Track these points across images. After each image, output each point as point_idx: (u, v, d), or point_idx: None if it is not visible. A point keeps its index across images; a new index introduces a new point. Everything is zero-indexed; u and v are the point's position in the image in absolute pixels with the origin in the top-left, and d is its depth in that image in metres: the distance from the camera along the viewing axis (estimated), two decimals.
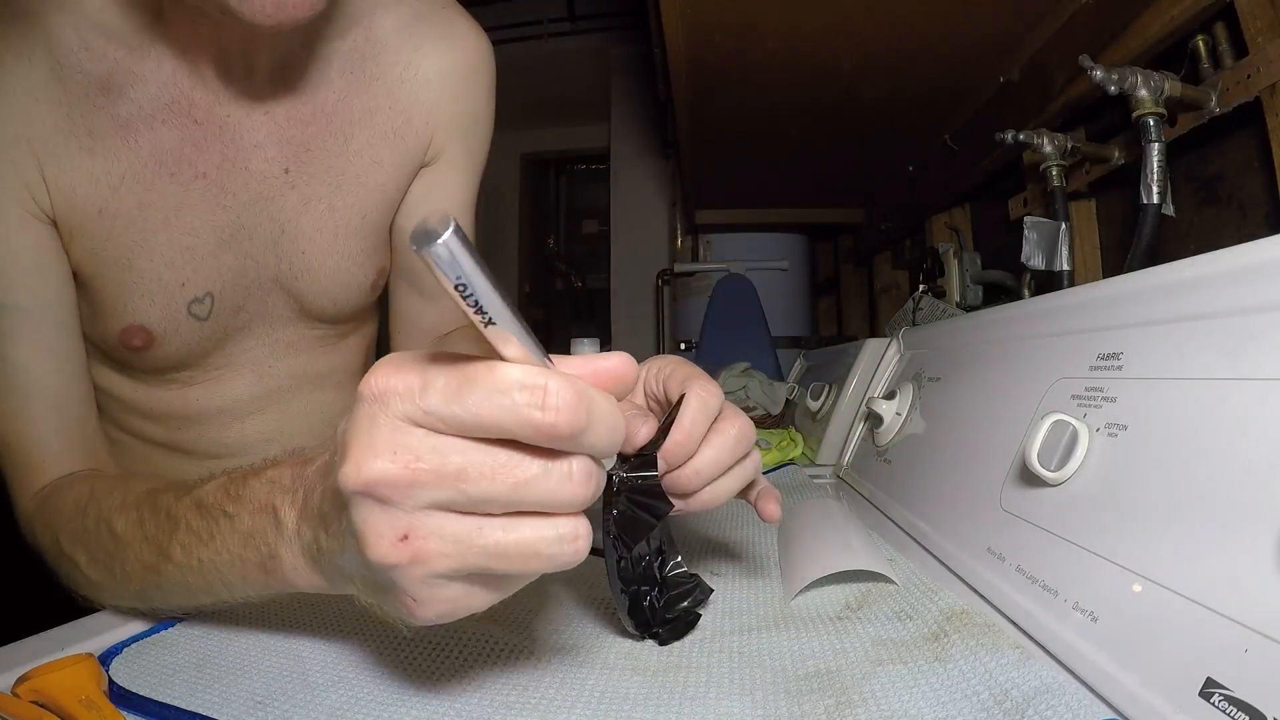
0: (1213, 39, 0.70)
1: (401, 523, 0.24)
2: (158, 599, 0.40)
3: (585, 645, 0.37)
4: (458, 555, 0.24)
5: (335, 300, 0.64)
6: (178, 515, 0.36)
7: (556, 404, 0.23)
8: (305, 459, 0.31)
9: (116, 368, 0.61)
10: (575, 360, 0.26)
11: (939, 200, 1.38)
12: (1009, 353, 0.51)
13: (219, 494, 0.34)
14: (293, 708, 0.32)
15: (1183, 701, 0.25)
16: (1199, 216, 0.77)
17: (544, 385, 0.23)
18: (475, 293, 0.21)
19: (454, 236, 0.19)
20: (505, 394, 0.23)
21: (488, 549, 0.24)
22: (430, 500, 0.24)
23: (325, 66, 0.58)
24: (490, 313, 0.22)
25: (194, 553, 0.35)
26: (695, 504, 0.36)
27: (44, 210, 0.51)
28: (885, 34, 0.88)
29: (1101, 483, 0.34)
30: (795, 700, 0.31)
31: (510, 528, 0.24)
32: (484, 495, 0.24)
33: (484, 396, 0.23)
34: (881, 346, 0.86)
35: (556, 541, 0.25)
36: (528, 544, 0.24)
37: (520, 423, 0.23)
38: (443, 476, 0.23)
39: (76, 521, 0.44)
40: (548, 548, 0.25)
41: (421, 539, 0.24)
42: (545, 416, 0.23)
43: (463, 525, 0.24)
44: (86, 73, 0.49)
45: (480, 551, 0.24)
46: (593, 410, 0.24)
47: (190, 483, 0.38)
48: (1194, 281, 0.34)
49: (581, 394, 0.23)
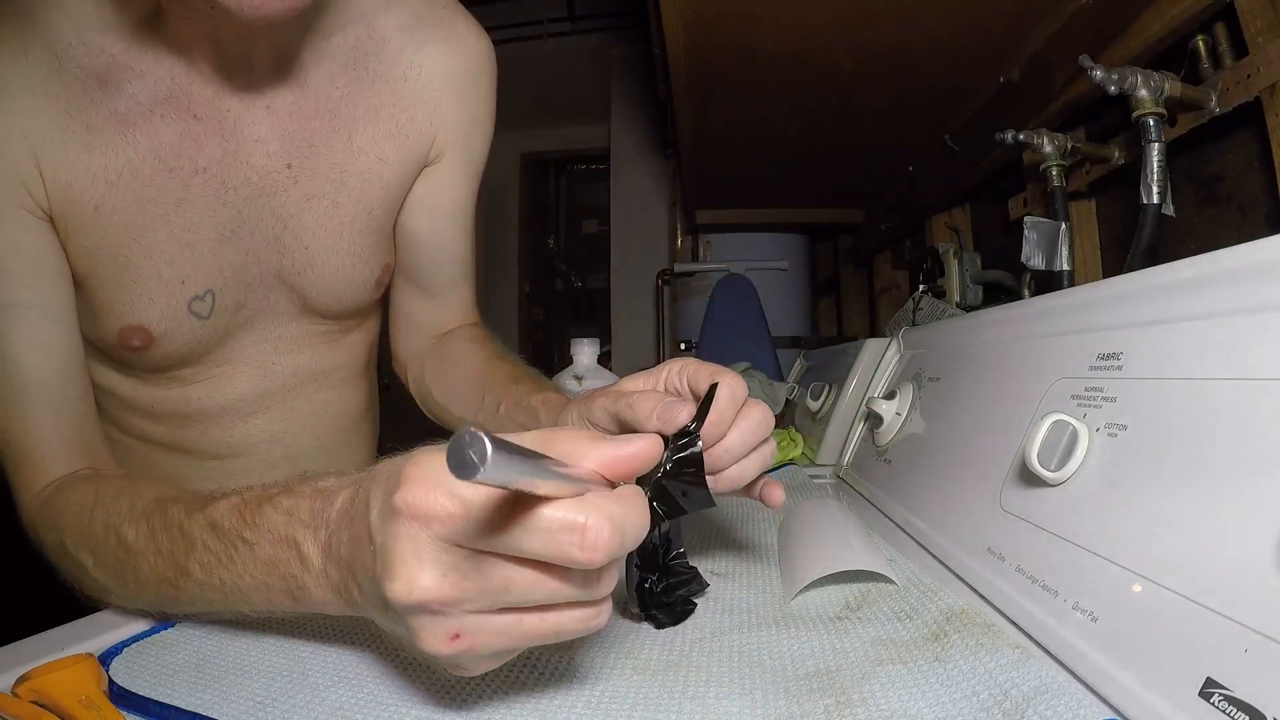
0: (1213, 39, 0.70)
1: (453, 625, 0.26)
2: (173, 607, 0.41)
3: (585, 645, 0.37)
4: (501, 643, 0.27)
5: (339, 297, 0.64)
6: (192, 534, 0.37)
7: (595, 541, 0.25)
8: (323, 492, 0.32)
9: (116, 367, 0.61)
10: (604, 449, 0.28)
11: (939, 200, 1.38)
12: (1009, 353, 0.51)
13: (234, 518, 0.35)
14: (293, 708, 0.32)
15: (1183, 701, 0.25)
16: (1199, 216, 0.77)
17: (583, 524, 0.25)
18: (516, 486, 0.23)
19: (495, 459, 0.20)
20: (548, 533, 0.25)
21: (525, 635, 0.28)
22: (476, 609, 0.26)
23: (328, 62, 0.58)
24: (527, 488, 0.23)
25: (215, 573, 0.35)
26: (723, 482, 0.40)
27: (41, 207, 0.50)
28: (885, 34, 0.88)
29: (1101, 483, 0.34)
30: (795, 700, 0.31)
31: (546, 619, 0.28)
32: (523, 602, 0.27)
33: (526, 534, 0.25)
34: (881, 346, 0.86)
35: (583, 620, 0.28)
36: (559, 628, 0.28)
37: (563, 559, 0.25)
38: (486, 592, 0.26)
39: (83, 524, 0.44)
40: (576, 626, 0.28)
41: (470, 636, 0.27)
42: (584, 555, 0.25)
43: (505, 621, 0.27)
44: (84, 67, 0.49)
45: (519, 637, 0.27)
46: (625, 533, 0.26)
47: (200, 497, 0.38)
48: (1194, 281, 0.34)
49: (616, 525, 0.25)
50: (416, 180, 0.66)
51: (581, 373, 0.85)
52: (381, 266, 0.66)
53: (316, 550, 0.31)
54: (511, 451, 0.21)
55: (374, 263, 0.65)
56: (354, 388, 0.74)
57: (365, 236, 0.63)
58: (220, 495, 0.37)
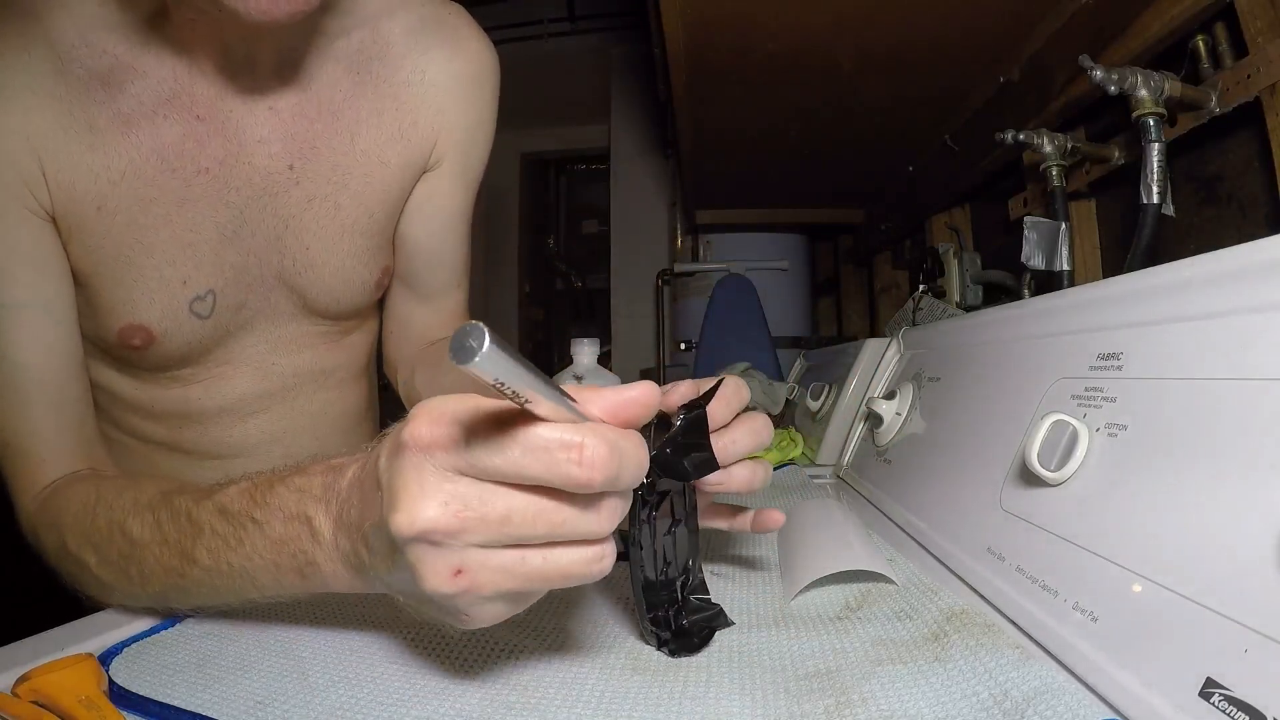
0: (1213, 39, 0.70)
1: (454, 559, 0.26)
2: (178, 600, 0.41)
3: (585, 645, 0.37)
4: (504, 582, 0.27)
5: (339, 298, 0.64)
6: (200, 520, 0.37)
7: (592, 459, 0.25)
8: (335, 467, 0.33)
9: (116, 366, 0.61)
10: (604, 394, 0.28)
11: (939, 200, 1.38)
12: (1009, 353, 0.51)
13: (244, 500, 0.35)
14: (293, 708, 0.32)
15: (1183, 701, 0.25)
16: (1199, 216, 0.77)
17: (580, 443, 0.25)
18: (511, 386, 0.22)
19: (492, 348, 0.21)
20: (546, 451, 0.25)
21: (529, 575, 0.27)
22: (478, 541, 0.26)
23: (331, 65, 0.58)
24: (524, 397, 0.23)
25: (222, 557, 0.36)
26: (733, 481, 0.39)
27: (43, 207, 0.50)
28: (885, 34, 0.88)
29: (1101, 483, 0.34)
30: (795, 700, 0.31)
31: (549, 557, 0.27)
32: (525, 535, 0.26)
33: (524, 453, 0.25)
34: (881, 346, 0.86)
35: (586, 563, 0.28)
36: (563, 568, 0.27)
37: (560, 477, 0.25)
38: (488, 522, 0.26)
39: (85, 523, 0.44)
40: (580, 569, 0.28)
41: (473, 572, 0.26)
42: (582, 473, 0.25)
43: (508, 557, 0.27)
44: (87, 68, 0.49)
45: (523, 577, 0.27)
46: (623, 459, 0.26)
47: (207, 487, 0.38)
48: (1194, 281, 0.34)
49: (613, 447, 0.25)
50: (416, 185, 0.66)
51: (581, 373, 0.85)
52: (381, 268, 0.66)
53: (328, 523, 0.32)
54: (510, 351, 0.22)
55: (374, 265, 0.65)
56: (354, 388, 0.74)
57: (366, 238, 0.63)
58: (230, 482, 0.37)
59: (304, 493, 0.33)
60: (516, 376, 0.22)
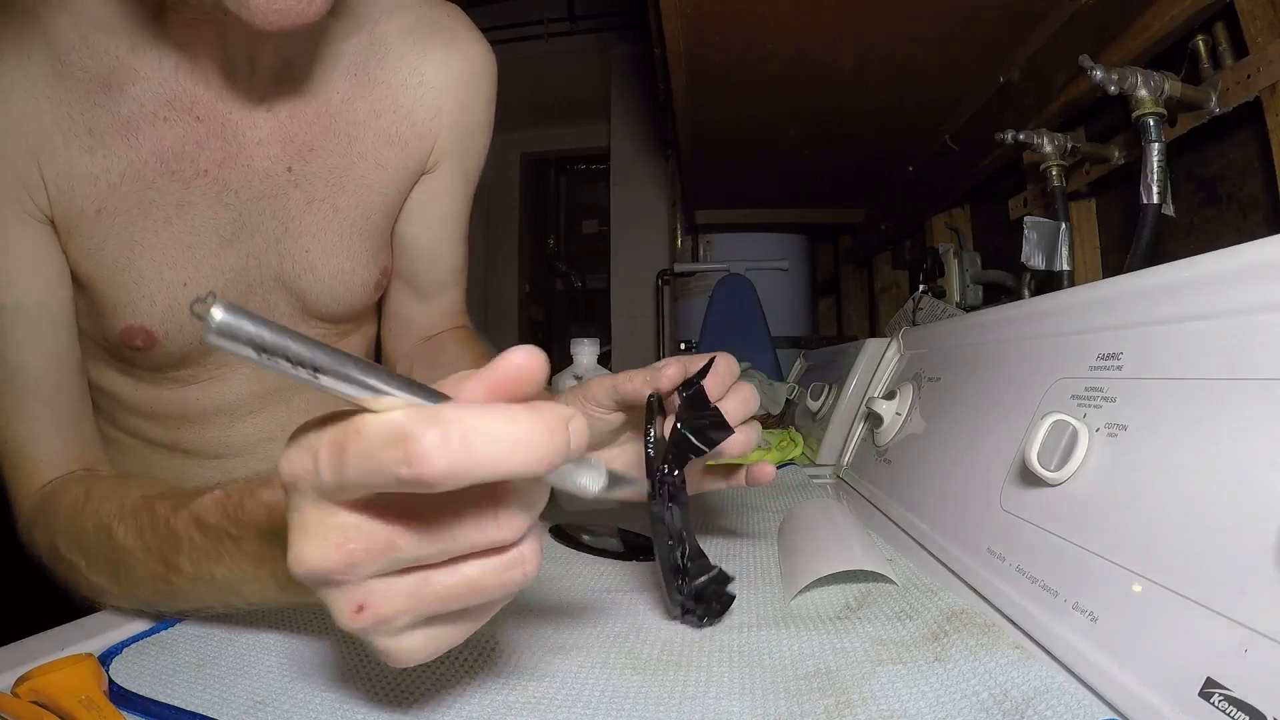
0: (1213, 39, 0.70)
1: (356, 595, 0.24)
2: (168, 605, 0.41)
3: (585, 645, 0.37)
4: (412, 609, 0.24)
5: (339, 300, 0.64)
6: (178, 530, 0.36)
7: (422, 453, 0.20)
8: None
9: (116, 367, 0.61)
10: (479, 372, 0.23)
11: (939, 200, 1.38)
12: (1009, 353, 0.51)
13: (218, 513, 0.34)
14: (293, 708, 0.32)
15: (1183, 701, 0.25)
16: (1199, 216, 0.77)
17: (407, 434, 0.20)
18: (274, 353, 0.19)
19: (225, 314, 0.18)
20: (372, 457, 0.21)
21: (439, 595, 0.24)
22: (371, 572, 0.23)
23: (330, 68, 0.58)
24: (307, 367, 0.19)
25: (205, 568, 0.35)
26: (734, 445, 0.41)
27: (42, 210, 0.50)
28: (885, 34, 0.88)
29: (1101, 483, 0.34)
30: (795, 700, 0.31)
31: (454, 572, 0.24)
32: (420, 556, 0.23)
33: (356, 464, 0.21)
34: (881, 346, 0.85)
35: (502, 571, 0.24)
36: (475, 581, 0.24)
37: (396, 482, 0.21)
38: (373, 551, 0.23)
39: (74, 525, 0.44)
40: (495, 579, 0.24)
41: (376, 605, 0.24)
42: (410, 472, 0.20)
43: (408, 582, 0.24)
44: (86, 70, 0.49)
45: (432, 599, 0.24)
46: (471, 442, 0.20)
47: (184, 493, 0.38)
48: (1194, 281, 0.34)
49: (452, 432, 0.20)
50: (415, 186, 0.67)
51: (581, 373, 0.85)
52: (380, 269, 0.66)
53: None
54: (256, 319, 0.18)
55: (373, 266, 0.65)
56: None
57: (364, 240, 0.63)
58: (204, 490, 0.36)
59: (273, 509, 0.31)
60: (273, 342, 0.19)
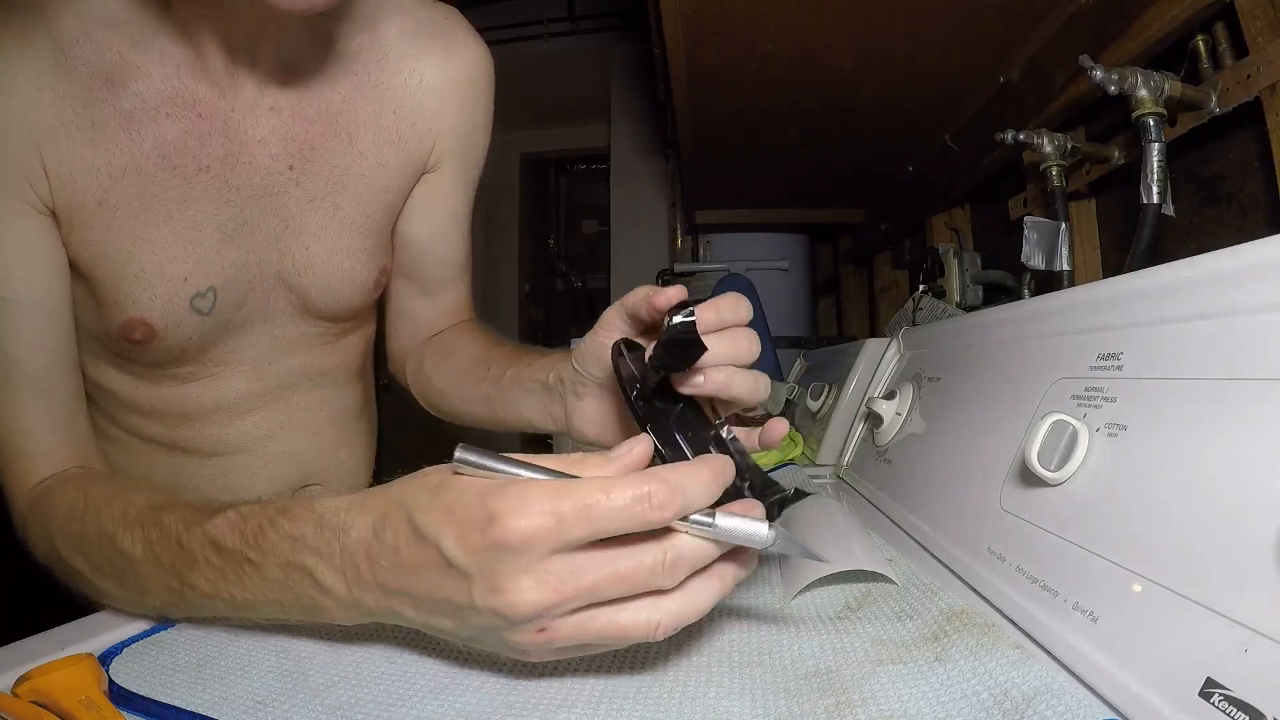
0: (1213, 39, 0.70)
1: (543, 621, 0.30)
2: (179, 614, 0.42)
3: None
4: (574, 638, 0.30)
5: (338, 298, 0.64)
6: (192, 549, 0.37)
7: (661, 501, 0.29)
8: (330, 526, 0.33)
9: (117, 365, 0.61)
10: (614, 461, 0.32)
11: (939, 200, 1.38)
12: (1009, 353, 0.51)
13: (234, 537, 0.36)
14: (293, 708, 0.32)
15: (1183, 701, 0.25)
16: (1199, 216, 0.77)
17: (647, 491, 0.29)
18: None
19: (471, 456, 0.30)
20: (625, 509, 0.29)
21: (596, 630, 0.30)
22: (571, 609, 0.30)
23: (331, 68, 0.58)
24: None
25: (222, 588, 0.37)
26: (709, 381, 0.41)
27: (44, 201, 0.50)
28: (885, 34, 0.88)
29: (1101, 483, 0.34)
30: (795, 700, 0.31)
31: (614, 614, 0.30)
32: (608, 594, 0.30)
33: (606, 514, 0.29)
34: (881, 346, 0.85)
35: (645, 628, 0.30)
36: (622, 629, 0.30)
37: (641, 524, 0.29)
38: (581, 591, 0.29)
39: (74, 529, 0.44)
40: (637, 631, 0.30)
41: (553, 629, 0.30)
42: (656, 514, 0.29)
43: (581, 616, 0.30)
44: (89, 65, 0.49)
45: (590, 633, 0.30)
46: (686, 492, 0.29)
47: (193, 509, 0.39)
48: (1194, 281, 0.34)
49: (674, 487, 0.29)
50: (416, 186, 0.67)
51: None
52: (379, 268, 0.66)
53: (336, 578, 0.33)
54: (488, 455, 0.29)
55: (372, 265, 0.65)
56: (349, 388, 0.74)
57: (364, 238, 0.63)
58: (216, 510, 0.38)
59: (296, 541, 0.34)
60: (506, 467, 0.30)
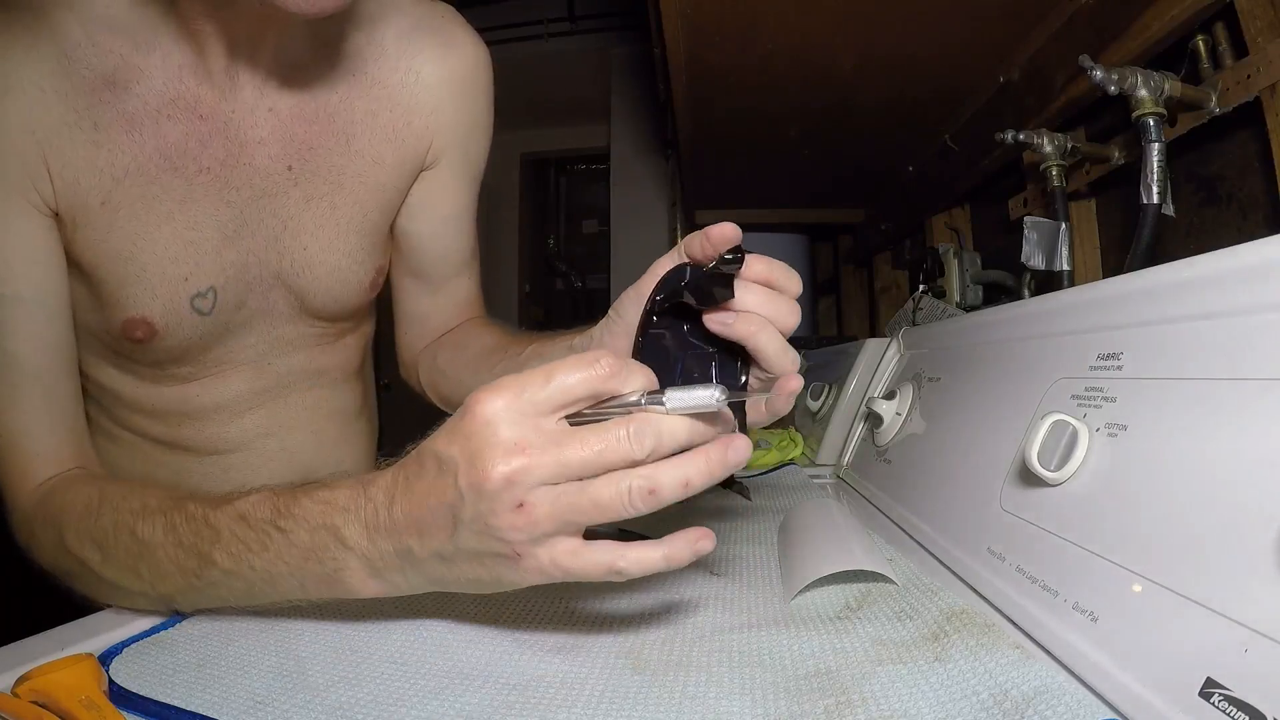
0: (1213, 39, 0.70)
1: (519, 494, 0.31)
2: (188, 601, 0.42)
3: (585, 645, 0.37)
4: (555, 515, 0.31)
5: (336, 298, 0.64)
6: (218, 524, 0.38)
7: (609, 370, 0.32)
8: (362, 480, 0.36)
9: (118, 365, 0.61)
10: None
11: (939, 200, 1.38)
12: (1009, 353, 0.51)
13: (265, 508, 0.37)
14: (293, 708, 0.32)
15: (1183, 701, 0.25)
16: (1199, 216, 0.77)
17: (596, 358, 0.32)
18: None
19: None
20: (580, 377, 0.32)
21: (571, 504, 0.31)
22: (539, 480, 0.31)
23: (329, 68, 0.58)
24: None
25: (244, 560, 0.37)
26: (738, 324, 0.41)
27: (46, 202, 0.51)
28: (885, 34, 0.88)
29: (1101, 483, 0.34)
30: (795, 700, 0.31)
31: (588, 487, 0.31)
32: (577, 470, 0.31)
33: (561, 375, 0.32)
34: (881, 346, 0.86)
35: (618, 497, 0.31)
36: (598, 503, 0.31)
37: (592, 388, 0.32)
38: (550, 455, 0.31)
39: (88, 522, 0.45)
40: (612, 502, 0.31)
41: (531, 504, 0.31)
42: (606, 382, 0.32)
43: (555, 491, 0.31)
44: (92, 67, 0.50)
45: (567, 508, 0.31)
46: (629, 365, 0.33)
47: (220, 496, 0.40)
48: (1194, 281, 0.34)
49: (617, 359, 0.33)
50: (415, 184, 0.67)
51: None
52: (376, 268, 0.67)
53: (358, 530, 0.35)
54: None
55: (369, 264, 0.65)
56: (348, 388, 0.75)
57: (361, 238, 0.63)
58: (247, 491, 0.39)
59: (329, 505, 0.36)
60: None
